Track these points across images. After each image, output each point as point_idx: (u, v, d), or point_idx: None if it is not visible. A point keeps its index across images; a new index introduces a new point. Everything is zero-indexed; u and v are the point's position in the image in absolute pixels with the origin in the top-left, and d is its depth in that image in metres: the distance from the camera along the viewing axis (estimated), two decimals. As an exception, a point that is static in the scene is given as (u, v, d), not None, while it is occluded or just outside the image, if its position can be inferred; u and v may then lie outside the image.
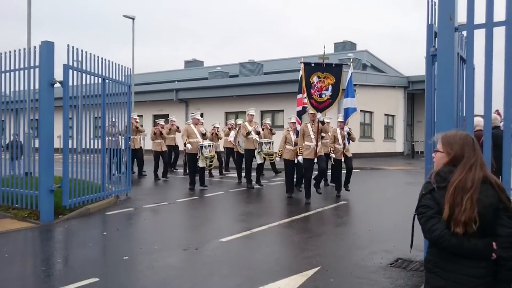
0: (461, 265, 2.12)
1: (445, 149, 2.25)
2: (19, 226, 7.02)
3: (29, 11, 14.67)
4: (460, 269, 2.12)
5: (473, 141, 2.25)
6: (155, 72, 38.13)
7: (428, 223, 2.14)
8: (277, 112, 24.70)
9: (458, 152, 2.20)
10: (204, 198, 10.09)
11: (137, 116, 14.78)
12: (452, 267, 2.14)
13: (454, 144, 2.23)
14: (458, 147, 2.21)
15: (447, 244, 2.10)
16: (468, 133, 2.36)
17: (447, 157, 2.24)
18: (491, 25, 3.85)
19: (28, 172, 7.94)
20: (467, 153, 2.19)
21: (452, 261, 2.14)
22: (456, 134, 2.28)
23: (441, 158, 2.27)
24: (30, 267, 5.22)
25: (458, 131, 2.36)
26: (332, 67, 9.10)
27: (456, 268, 2.13)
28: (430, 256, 2.25)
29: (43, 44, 7.39)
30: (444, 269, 2.17)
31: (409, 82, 28.07)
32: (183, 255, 5.50)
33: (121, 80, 9.40)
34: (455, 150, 2.21)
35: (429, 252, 2.27)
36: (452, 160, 2.22)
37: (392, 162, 21.66)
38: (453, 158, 2.21)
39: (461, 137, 2.25)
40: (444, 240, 2.10)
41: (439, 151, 2.29)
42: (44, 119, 7.42)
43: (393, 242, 5.99)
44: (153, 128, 13.78)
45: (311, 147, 9.19)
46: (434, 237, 2.12)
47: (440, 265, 2.19)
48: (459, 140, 2.23)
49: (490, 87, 3.92)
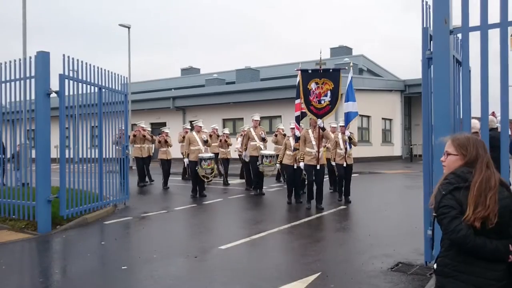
0: (481, 268, 2.09)
1: (459, 151, 2.25)
2: (16, 237, 6.96)
3: (24, 21, 14.65)
4: (480, 272, 2.09)
5: (483, 143, 2.29)
6: (152, 80, 38.19)
7: (452, 223, 2.09)
8: (274, 118, 24.72)
9: (473, 154, 2.21)
10: (203, 205, 10.05)
11: (144, 124, 14.64)
12: (472, 270, 2.10)
13: (469, 146, 2.23)
14: (473, 149, 2.22)
15: (473, 244, 2.05)
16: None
17: (462, 160, 2.23)
18: (486, 28, 3.87)
19: (25, 182, 7.90)
20: (482, 154, 2.21)
21: (472, 264, 2.11)
22: (468, 137, 2.29)
23: (455, 161, 2.26)
24: (28, 278, 5.17)
25: (467, 133, 2.38)
26: (329, 72, 9.07)
27: (477, 271, 2.10)
28: (447, 259, 2.20)
29: (39, 54, 7.38)
30: (464, 272, 2.12)
31: (405, 86, 28.18)
32: (183, 263, 5.46)
33: (117, 89, 9.39)
34: (470, 152, 2.22)
35: (446, 256, 2.21)
36: (467, 162, 2.22)
37: (390, 166, 21.68)
38: (468, 160, 2.21)
39: (473, 139, 2.27)
40: (470, 240, 2.05)
41: (452, 154, 2.28)
42: (41, 129, 7.40)
43: (393, 246, 5.97)
44: (158, 136, 13.71)
45: (313, 153, 9.15)
46: (460, 237, 2.06)
47: (459, 268, 2.14)
48: (472, 142, 2.24)
49: (486, 89, 3.93)
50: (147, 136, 13.80)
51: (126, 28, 24.82)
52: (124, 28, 24.93)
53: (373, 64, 31.93)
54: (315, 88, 8.91)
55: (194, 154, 11.23)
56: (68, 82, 7.79)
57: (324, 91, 8.89)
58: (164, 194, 12.28)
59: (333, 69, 9.30)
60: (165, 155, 13.34)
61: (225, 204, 10.32)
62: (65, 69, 7.65)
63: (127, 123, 10.24)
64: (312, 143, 9.17)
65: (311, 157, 9.15)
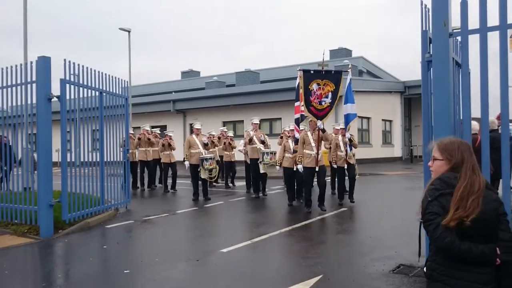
0: (469, 272, 2.11)
1: (445, 156, 2.25)
2: (19, 241, 6.98)
3: (25, 27, 14.71)
4: (468, 276, 2.11)
5: (469, 146, 2.29)
6: (152, 84, 38.23)
7: (437, 230, 2.11)
8: (274, 120, 24.75)
9: (459, 158, 2.21)
10: (204, 208, 10.06)
11: (149, 127, 14.64)
12: (460, 275, 2.12)
13: (454, 150, 2.24)
14: (458, 153, 2.22)
15: (458, 250, 2.08)
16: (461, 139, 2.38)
17: (448, 164, 2.24)
18: (485, 30, 3.88)
19: (27, 187, 7.92)
20: (466, 158, 2.21)
21: (460, 268, 2.13)
22: (453, 141, 2.29)
23: (441, 166, 2.27)
24: (31, 283, 5.18)
25: (452, 137, 2.38)
26: (331, 74, 9.06)
27: (464, 275, 2.12)
28: (434, 264, 2.22)
29: (40, 59, 7.41)
30: (452, 276, 2.14)
31: (405, 87, 28.21)
32: (185, 267, 5.47)
33: (118, 93, 9.42)
34: (456, 157, 2.22)
35: (433, 261, 2.24)
36: (453, 167, 2.22)
37: (391, 167, 21.68)
38: (454, 164, 2.22)
39: (459, 143, 2.27)
40: (455, 246, 2.07)
41: (437, 159, 2.29)
42: (42, 134, 7.42)
43: (395, 248, 5.98)
44: (162, 139, 13.72)
45: (312, 155, 9.13)
46: (445, 244, 2.09)
47: (447, 273, 2.16)
48: (457, 147, 2.25)
49: (486, 91, 3.94)
50: (151, 140, 13.83)
51: (126, 32, 24.89)
52: (124, 32, 25.01)
53: (372, 66, 31.96)
54: (317, 89, 8.89)
55: (194, 157, 11.23)
56: (69, 87, 7.82)
57: (325, 93, 8.87)
58: (165, 197, 12.29)
59: (335, 71, 9.29)
60: (169, 158, 13.34)
61: (226, 207, 10.33)
62: (66, 74, 7.68)
63: (128, 127, 10.27)
64: (312, 145, 9.15)
65: (309, 159, 9.12)
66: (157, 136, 14.38)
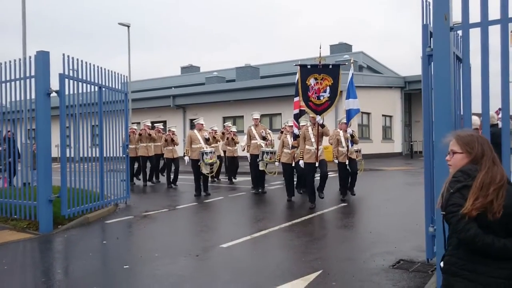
0: (490, 267, 2.08)
1: (465, 149, 2.23)
2: (18, 237, 6.97)
3: (23, 21, 14.66)
4: (489, 271, 2.07)
5: (487, 139, 2.28)
6: (152, 79, 38.17)
7: (461, 222, 2.07)
8: (274, 115, 24.73)
9: (479, 151, 2.19)
10: (204, 204, 10.06)
11: (150, 123, 14.59)
12: (481, 269, 2.09)
13: (474, 143, 2.22)
14: (479, 146, 2.21)
15: (482, 243, 2.04)
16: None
17: (469, 157, 2.22)
18: (486, 24, 3.85)
19: (26, 182, 7.91)
20: (487, 151, 2.20)
21: (480, 263, 2.09)
22: (472, 134, 2.28)
23: (461, 159, 2.24)
24: (30, 278, 5.18)
25: (470, 130, 2.36)
26: (329, 68, 8.99)
27: (485, 269, 2.08)
28: (454, 258, 2.18)
29: (39, 54, 7.37)
30: (473, 271, 2.10)
31: (405, 82, 28.16)
32: (184, 262, 5.46)
33: (117, 88, 9.39)
34: (476, 149, 2.20)
35: (453, 255, 2.19)
36: (473, 159, 2.20)
37: (391, 162, 21.68)
38: (474, 157, 2.20)
39: (477, 137, 2.26)
40: (479, 239, 2.03)
41: (457, 152, 2.27)
42: (41, 129, 7.40)
43: (395, 244, 5.97)
44: (165, 135, 13.69)
45: (312, 151, 9.10)
46: (469, 236, 2.05)
47: (468, 268, 2.12)
48: (477, 140, 2.23)
49: (487, 85, 3.92)
50: (153, 135, 13.80)
51: (126, 26, 24.84)
52: (124, 27, 24.94)
53: (373, 61, 31.89)
54: (314, 83, 8.83)
55: (195, 153, 11.22)
56: (68, 82, 7.79)
57: (323, 87, 8.80)
58: (165, 192, 12.29)
59: (333, 65, 9.21)
60: (171, 154, 13.31)
61: (226, 202, 10.32)
62: (65, 69, 7.65)
63: (127, 122, 10.25)
64: (312, 140, 9.14)
65: (309, 154, 9.10)
66: (160, 131, 14.35)
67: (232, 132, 13.92)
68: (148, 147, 13.72)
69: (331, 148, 11.36)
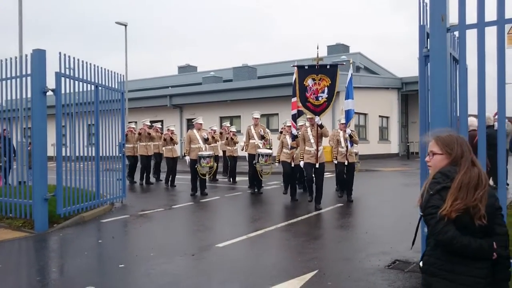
0: (468, 266, 2.10)
1: (445, 150, 2.24)
2: (13, 235, 6.94)
3: (20, 19, 14.61)
4: (466, 271, 2.10)
5: (466, 139, 2.29)
6: (149, 78, 38.10)
7: (439, 224, 2.08)
8: (271, 116, 24.72)
9: (459, 152, 2.20)
10: (200, 203, 10.04)
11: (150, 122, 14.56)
12: (459, 269, 2.11)
13: (453, 144, 2.22)
14: (458, 146, 2.21)
15: (459, 245, 2.06)
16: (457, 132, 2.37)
17: (448, 158, 2.22)
18: (483, 25, 3.86)
19: (22, 181, 7.87)
20: (466, 151, 2.21)
21: (458, 263, 2.11)
22: (451, 135, 2.28)
23: (441, 161, 2.24)
24: (25, 277, 5.15)
25: (449, 130, 2.36)
26: (326, 68, 8.99)
27: (463, 269, 2.10)
28: (432, 259, 2.20)
29: (35, 52, 7.34)
30: (451, 271, 2.12)
31: (402, 83, 28.21)
32: (180, 261, 5.45)
33: (114, 87, 9.36)
34: (456, 150, 2.21)
35: (431, 255, 2.21)
36: (453, 161, 2.21)
37: (387, 163, 21.71)
38: (454, 158, 2.21)
39: (457, 137, 2.26)
40: (457, 241, 2.05)
41: (437, 153, 2.27)
42: (37, 128, 7.37)
43: (390, 244, 5.98)
44: (163, 134, 13.67)
45: (312, 151, 9.10)
46: (447, 238, 2.07)
47: (446, 268, 2.14)
48: (456, 140, 2.24)
49: (483, 86, 3.93)
50: (152, 134, 13.79)
51: (123, 26, 24.77)
52: (121, 26, 24.88)
53: (370, 62, 31.94)
54: (312, 84, 8.82)
55: (194, 152, 11.21)
56: (65, 80, 7.75)
57: (322, 88, 8.79)
58: (161, 192, 12.26)
59: (331, 65, 9.20)
60: (171, 153, 13.27)
61: (222, 202, 10.31)
62: (61, 67, 7.61)
63: (124, 121, 10.23)
64: (311, 141, 9.14)
65: (310, 155, 9.11)
66: (158, 131, 14.33)
67: (232, 132, 13.89)
68: (148, 146, 13.71)
69: (330, 148, 11.38)
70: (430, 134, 2.37)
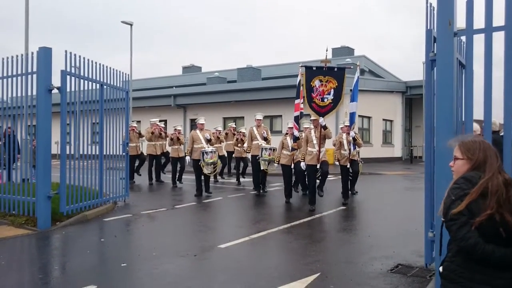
0: (488, 276, 2.06)
1: (466, 155, 2.22)
2: (16, 233, 6.96)
3: (26, 17, 14.67)
4: (487, 280, 2.06)
5: (491, 146, 2.25)
6: (153, 78, 38.16)
7: (461, 230, 2.05)
8: (275, 117, 24.70)
9: (481, 158, 2.17)
10: (203, 204, 10.04)
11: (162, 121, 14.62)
12: (479, 278, 2.07)
13: (475, 149, 2.20)
14: (480, 152, 2.18)
15: (482, 252, 2.02)
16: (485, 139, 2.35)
17: (469, 164, 2.20)
18: (490, 30, 3.84)
19: (25, 178, 7.89)
20: (490, 157, 2.17)
21: (479, 271, 2.07)
22: (475, 141, 2.25)
23: (463, 166, 2.22)
24: (27, 274, 5.16)
25: (474, 136, 2.34)
26: (334, 70, 8.99)
27: (483, 278, 2.06)
28: (453, 265, 2.17)
29: (41, 50, 7.36)
30: (471, 279, 2.09)
31: (407, 87, 28.16)
32: (182, 262, 5.45)
33: (119, 86, 9.39)
34: (477, 156, 2.18)
35: (452, 262, 2.18)
36: (473, 166, 2.18)
37: (390, 167, 21.66)
38: (475, 163, 2.18)
39: (481, 143, 2.23)
40: (479, 248, 2.02)
41: (459, 158, 2.25)
42: (42, 125, 7.39)
43: (393, 248, 5.96)
44: (170, 134, 13.71)
45: (314, 152, 9.09)
46: (469, 245, 2.03)
47: (466, 275, 2.11)
48: (479, 145, 2.21)
49: (489, 92, 3.90)
50: (163, 134, 13.83)
51: (129, 25, 24.80)
52: (127, 25, 24.92)
53: (374, 65, 31.87)
54: (319, 85, 8.83)
55: (196, 153, 11.22)
56: (70, 78, 7.78)
57: (328, 89, 8.81)
58: (164, 192, 12.27)
59: (338, 68, 9.22)
60: (177, 153, 13.33)
61: (225, 202, 10.31)
62: (67, 65, 7.63)
63: (128, 120, 10.25)
64: (314, 142, 9.13)
65: (311, 156, 9.10)
66: (162, 130, 14.33)
67: (241, 133, 13.93)
68: (157, 146, 13.74)
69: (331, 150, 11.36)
70: (455, 139, 2.35)
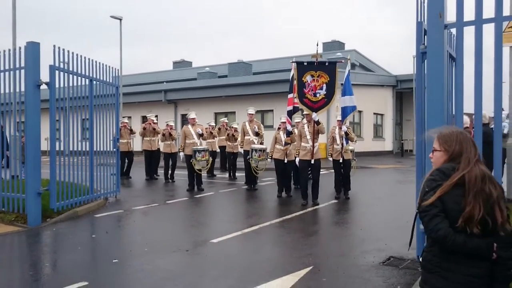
0: (463, 266, 2.09)
1: (443, 147, 2.22)
2: (6, 230, 6.89)
3: (14, 11, 14.47)
4: (462, 270, 2.09)
5: (470, 137, 2.24)
6: (143, 73, 37.90)
7: (432, 221, 2.08)
8: (266, 112, 24.68)
9: (457, 150, 2.17)
10: (195, 199, 10.02)
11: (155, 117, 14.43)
12: (454, 268, 2.11)
13: (452, 141, 2.20)
14: (457, 144, 2.18)
15: (452, 243, 2.05)
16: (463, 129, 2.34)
17: (446, 155, 2.20)
18: (481, 22, 3.86)
19: (15, 175, 7.80)
20: (466, 149, 2.17)
21: (454, 261, 2.11)
22: (452, 132, 2.24)
23: (440, 157, 2.23)
24: (18, 271, 5.11)
25: (453, 127, 2.33)
26: (325, 65, 8.98)
27: (458, 268, 2.10)
28: (430, 255, 2.20)
29: (29, 44, 7.26)
30: (446, 269, 2.12)
31: (397, 81, 28.28)
32: (174, 257, 5.43)
33: (108, 81, 9.29)
34: (453, 147, 2.18)
35: (429, 252, 2.22)
36: (450, 157, 2.19)
37: (381, 160, 21.79)
38: (451, 155, 2.18)
39: (458, 134, 2.22)
40: (449, 239, 2.05)
41: (436, 150, 2.26)
42: (31, 121, 7.30)
43: (385, 241, 5.99)
44: (163, 129, 13.61)
45: (307, 148, 9.09)
46: (439, 236, 2.06)
47: (441, 265, 2.14)
48: (456, 137, 2.20)
49: (480, 84, 3.93)
50: (157, 129, 13.72)
51: (118, 20, 24.60)
52: (116, 20, 24.71)
53: (365, 59, 31.95)
54: (311, 81, 8.82)
55: (189, 148, 11.18)
56: (59, 74, 7.68)
57: (320, 84, 8.80)
58: (156, 187, 12.22)
59: (329, 62, 9.21)
60: (169, 148, 13.22)
61: (217, 197, 10.29)
62: (55, 60, 7.53)
63: (118, 116, 10.16)
64: (307, 137, 9.13)
65: (305, 151, 9.10)
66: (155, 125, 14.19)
67: (233, 128, 13.84)
68: (151, 141, 13.63)
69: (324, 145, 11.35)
70: (434, 130, 2.34)
